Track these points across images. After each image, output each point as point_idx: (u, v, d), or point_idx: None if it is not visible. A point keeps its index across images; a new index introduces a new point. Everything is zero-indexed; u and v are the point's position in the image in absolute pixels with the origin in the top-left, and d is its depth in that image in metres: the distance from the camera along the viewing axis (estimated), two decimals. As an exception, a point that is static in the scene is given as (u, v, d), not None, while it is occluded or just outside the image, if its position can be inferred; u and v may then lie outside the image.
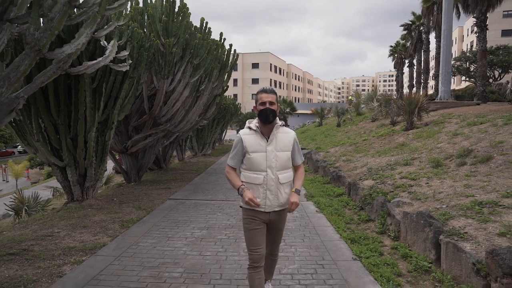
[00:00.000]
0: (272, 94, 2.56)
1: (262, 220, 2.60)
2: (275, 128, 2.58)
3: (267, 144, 2.55)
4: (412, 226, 4.09)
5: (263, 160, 2.53)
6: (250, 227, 2.60)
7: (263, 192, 2.55)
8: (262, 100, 2.54)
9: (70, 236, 4.71)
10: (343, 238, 4.55)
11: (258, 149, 2.54)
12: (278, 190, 2.57)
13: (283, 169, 2.59)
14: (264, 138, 2.57)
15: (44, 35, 3.40)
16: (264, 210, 2.57)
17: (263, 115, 2.52)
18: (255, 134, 2.58)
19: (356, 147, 11.47)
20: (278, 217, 2.65)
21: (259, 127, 2.59)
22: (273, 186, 2.55)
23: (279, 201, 2.59)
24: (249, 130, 2.62)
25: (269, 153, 2.54)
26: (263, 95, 2.55)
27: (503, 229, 3.40)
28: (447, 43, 15.43)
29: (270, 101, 2.52)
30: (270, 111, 2.51)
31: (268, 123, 2.54)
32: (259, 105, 2.56)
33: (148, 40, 6.99)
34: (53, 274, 3.43)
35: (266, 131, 2.58)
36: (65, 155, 6.59)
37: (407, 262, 3.76)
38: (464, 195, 4.70)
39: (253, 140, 2.56)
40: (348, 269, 3.51)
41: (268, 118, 2.51)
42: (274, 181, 2.55)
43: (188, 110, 9.43)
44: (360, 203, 6.12)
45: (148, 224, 5.22)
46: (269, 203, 2.57)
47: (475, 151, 6.57)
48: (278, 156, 2.56)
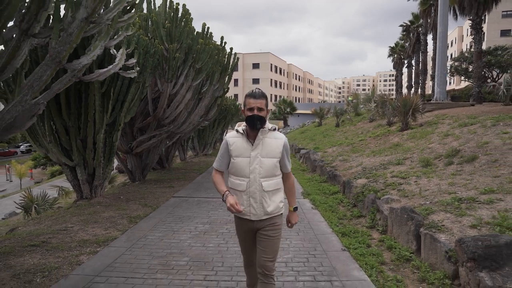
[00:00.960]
0: (261, 99, 2.39)
1: (250, 229, 2.51)
2: (260, 133, 2.41)
3: (252, 148, 2.42)
4: (397, 220, 4.48)
5: (246, 165, 2.40)
6: (239, 236, 2.60)
7: (246, 199, 2.43)
8: (250, 105, 2.38)
9: (83, 230, 5.10)
10: (335, 232, 4.94)
11: (242, 154, 2.42)
12: (262, 198, 2.43)
13: (268, 176, 2.44)
14: (249, 142, 2.44)
15: (64, 48, 3.79)
16: (249, 218, 2.46)
17: (250, 122, 2.38)
18: (241, 137, 2.47)
19: (353, 147, 11.84)
20: (266, 226, 2.48)
21: (245, 131, 2.46)
22: (257, 194, 2.41)
23: (264, 209, 2.44)
24: (236, 133, 2.50)
25: (252, 159, 2.40)
26: (251, 100, 2.39)
27: (475, 221, 3.78)
28: (442, 45, 15.80)
29: (259, 107, 2.37)
30: (258, 118, 2.36)
31: (255, 130, 2.41)
32: (247, 111, 2.41)
33: (153, 46, 7.38)
34: (72, 262, 3.83)
35: (253, 135, 2.45)
36: (75, 155, 6.99)
37: (391, 252, 4.15)
38: (447, 192, 5.08)
39: (238, 143, 2.45)
40: (337, 258, 3.91)
41: (256, 126, 2.38)
42: (258, 189, 2.41)
43: (190, 112, 9.83)
44: (353, 200, 6.51)
45: (154, 220, 5.62)
46: (254, 211, 2.44)
47: (463, 151, 6.95)
48: (262, 162, 2.41)
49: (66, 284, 3.26)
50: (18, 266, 3.66)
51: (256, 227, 2.48)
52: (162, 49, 8.06)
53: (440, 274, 3.33)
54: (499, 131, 7.52)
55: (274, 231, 2.49)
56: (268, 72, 65.01)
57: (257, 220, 2.46)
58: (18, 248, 4.23)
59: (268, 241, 2.47)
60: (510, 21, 52.34)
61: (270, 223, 2.48)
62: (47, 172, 31.56)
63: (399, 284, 3.24)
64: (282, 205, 2.54)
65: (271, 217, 2.48)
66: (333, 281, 3.31)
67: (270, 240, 2.47)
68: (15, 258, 3.91)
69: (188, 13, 9.48)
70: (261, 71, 64.83)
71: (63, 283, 3.29)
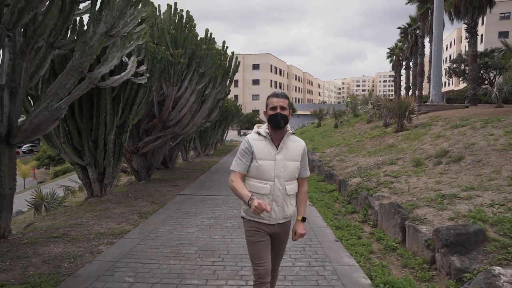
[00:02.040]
0: (283, 98, 2.40)
1: (266, 232, 2.45)
2: (286, 136, 2.42)
3: (277, 152, 2.40)
4: (385, 214, 4.93)
5: (271, 169, 2.37)
6: (254, 240, 2.44)
7: (269, 203, 2.38)
8: (273, 104, 2.37)
9: (98, 225, 5.55)
10: (329, 225, 5.39)
11: (267, 157, 2.39)
12: (284, 202, 2.42)
13: (291, 179, 2.44)
14: (273, 145, 2.41)
15: (86, 59, 4.24)
16: (268, 222, 2.42)
17: (273, 120, 2.36)
18: (264, 140, 2.42)
19: (350, 148, 12.29)
20: (282, 229, 2.50)
21: (269, 133, 2.43)
22: (280, 197, 2.40)
23: (284, 213, 2.44)
24: (258, 135, 2.45)
25: (278, 162, 2.39)
26: (274, 99, 2.39)
27: (453, 215, 4.23)
28: (437, 49, 16.25)
29: (282, 106, 2.37)
30: (281, 117, 2.35)
31: (279, 129, 2.39)
32: (269, 110, 2.39)
33: (160, 53, 7.83)
34: (93, 251, 4.27)
35: (276, 138, 2.42)
36: (87, 155, 7.43)
37: (380, 243, 4.60)
38: (433, 190, 5.52)
39: (262, 146, 2.40)
40: (330, 247, 4.35)
41: (279, 124, 2.36)
42: (281, 192, 2.40)
43: (194, 114, 10.28)
44: (348, 197, 6.95)
45: (163, 215, 6.07)
46: (274, 215, 2.42)
47: (451, 152, 7.39)
48: (287, 166, 2.40)
49: (91, 268, 3.71)
50: (46, 254, 4.11)
51: (273, 231, 2.46)
52: (168, 55, 8.51)
53: (420, 260, 3.78)
54: (486, 133, 7.97)
55: (287, 235, 2.56)
56: (268, 73, 65.48)
57: (275, 224, 2.44)
58: (42, 239, 4.68)
59: (282, 246, 2.56)
60: (507, 22, 52.83)
61: (285, 227, 2.52)
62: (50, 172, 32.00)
63: (383, 269, 3.68)
64: (295, 208, 2.56)
65: (286, 221, 2.50)
66: (326, 266, 3.76)
67: (283, 245, 2.57)
68: (42, 247, 4.36)
69: (191, 19, 9.94)
70: (261, 72, 65.30)
71: (89, 267, 3.73)
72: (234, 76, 12.65)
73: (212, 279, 3.45)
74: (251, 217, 2.44)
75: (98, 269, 3.67)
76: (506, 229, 3.54)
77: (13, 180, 4.57)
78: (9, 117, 4.12)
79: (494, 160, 6.18)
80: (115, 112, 7.27)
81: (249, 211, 2.37)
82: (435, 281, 3.40)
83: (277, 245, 2.53)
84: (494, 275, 2.74)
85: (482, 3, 17.09)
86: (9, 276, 3.48)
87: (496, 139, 7.23)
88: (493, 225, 3.72)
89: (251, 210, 2.21)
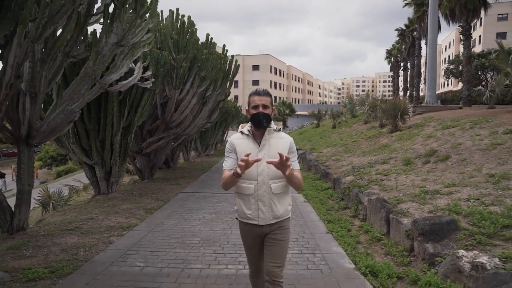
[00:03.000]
0: (265, 96, 2.34)
1: (257, 234, 2.42)
2: (267, 133, 2.36)
3: (259, 150, 2.34)
4: (373, 209, 5.35)
5: (253, 167, 2.27)
6: (246, 243, 2.51)
7: (254, 203, 2.35)
8: (255, 103, 2.31)
9: (107, 219, 5.97)
10: (322, 219, 5.81)
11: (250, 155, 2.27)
12: (271, 201, 2.35)
13: (277, 177, 2.33)
14: (256, 143, 2.37)
15: (99, 67, 4.67)
16: (257, 223, 2.36)
17: (255, 120, 2.31)
18: (247, 139, 2.39)
19: (346, 148, 12.71)
20: (275, 229, 2.40)
21: (251, 131, 2.40)
22: (266, 197, 2.34)
23: (273, 213, 2.36)
24: (241, 134, 2.43)
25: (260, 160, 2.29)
26: (255, 97, 2.33)
27: (432, 208, 4.65)
28: (432, 51, 16.68)
29: (264, 104, 2.30)
30: (264, 116, 2.29)
31: (261, 128, 2.35)
32: (251, 109, 2.34)
33: (163, 58, 8.26)
34: (105, 242, 4.69)
35: (259, 136, 2.38)
36: (94, 155, 7.86)
37: (367, 235, 5.02)
38: (418, 186, 5.94)
39: (244, 145, 2.37)
40: (321, 238, 4.77)
41: (261, 123, 2.31)
42: (267, 191, 2.34)
43: (195, 115, 10.71)
44: (341, 195, 7.37)
45: (167, 211, 6.50)
46: (263, 216, 2.35)
47: (439, 151, 7.81)
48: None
49: (106, 255, 4.13)
50: (63, 244, 4.53)
51: (264, 232, 2.40)
52: (170, 59, 8.94)
53: (401, 248, 4.20)
54: (473, 134, 8.39)
55: (282, 235, 2.41)
56: (268, 74, 65.93)
57: (265, 225, 2.37)
58: (58, 232, 5.10)
59: (277, 246, 2.39)
60: (505, 23, 53.25)
61: (279, 226, 2.40)
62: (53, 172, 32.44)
63: (367, 256, 4.10)
64: (290, 208, 2.48)
65: (279, 221, 2.40)
66: (316, 254, 4.18)
67: (278, 244, 2.39)
68: (58, 238, 4.78)
69: (193, 24, 10.36)
70: (261, 73, 65.74)
71: (103, 254, 4.15)
72: (234, 78, 13.07)
73: (214, 264, 3.87)
74: (241, 218, 2.44)
75: (111, 256, 4.09)
76: (475, 219, 3.96)
77: (31, 177, 5.00)
78: (29, 120, 4.54)
79: (477, 159, 6.60)
80: (121, 114, 7.70)
81: (240, 212, 2.43)
82: (412, 265, 3.82)
83: (272, 246, 2.39)
84: (458, 257, 3.17)
85: (476, 6, 17.51)
86: (33, 262, 3.91)
87: (481, 139, 7.65)
88: (465, 217, 4.14)
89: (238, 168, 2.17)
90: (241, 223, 2.48)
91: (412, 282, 3.35)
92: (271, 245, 2.40)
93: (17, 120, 4.48)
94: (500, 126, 8.55)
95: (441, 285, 3.12)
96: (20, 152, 4.79)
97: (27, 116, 4.47)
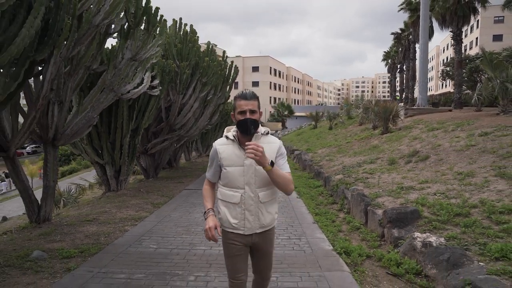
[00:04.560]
0: (253, 100, 2.16)
1: (243, 244, 2.29)
2: (254, 138, 2.21)
3: (245, 156, 2.14)
4: (355, 202, 6.08)
5: (240, 175, 2.20)
6: (230, 253, 2.32)
7: (241, 212, 2.23)
8: (242, 108, 2.14)
9: (120, 212, 6.71)
10: (310, 212, 6.54)
11: (235, 163, 2.22)
12: (258, 210, 2.24)
13: (265, 185, 2.24)
14: (242, 149, 2.20)
15: (116, 79, 5.41)
16: (243, 232, 2.25)
17: (242, 127, 2.16)
18: (232, 144, 2.24)
19: (339, 149, 13.44)
20: (262, 240, 2.32)
21: (236, 136, 2.24)
22: (253, 206, 2.23)
23: (260, 222, 2.26)
24: (225, 139, 2.27)
25: (247, 168, 2.20)
26: (242, 102, 2.16)
27: (404, 201, 5.39)
28: (423, 56, 17.41)
29: (251, 110, 2.14)
30: (251, 122, 2.14)
31: (249, 135, 2.19)
32: (237, 114, 2.17)
33: (168, 66, 9.00)
34: (121, 230, 5.43)
35: (245, 141, 2.18)
36: (105, 155, 8.60)
37: (348, 225, 5.74)
38: (397, 183, 6.68)
39: (229, 151, 2.23)
40: (308, 227, 5.51)
41: (249, 130, 2.16)
42: (254, 200, 2.22)
43: (197, 118, 11.46)
44: (330, 191, 8.11)
45: (173, 205, 7.23)
46: (249, 225, 2.25)
47: (420, 152, 8.55)
48: (257, 171, 2.20)
49: (123, 240, 4.87)
50: (85, 231, 5.27)
51: (250, 242, 2.30)
52: (174, 67, 9.68)
53: (374, 234, 4.94)
54: (453, 136, 9.12)
55: (270, 244, 2.38)
56: (267, 75, 66.71)
57: (250, 235, 2.27)
58: (78, 222, 5.84)
59: (265, 259, 2.38)
60: (501, 26, 53.96)
61: (265, 236, 2.33)
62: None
63: (345, 241, 4.83)
64: (276, 216, 2.39)
65: (265, 231, 2.31)
66: (301, 239, 4.92)
67: (267, 256, 2.38)
68: (80, 227, 5.52)
69: (194, 33, 11.12)
70: (261, 74, 66.53)
71: (121, 239, 4.89)
72: (233, 82, 13.81)
73: (215, 246, 4.59)
74: (225, 227, 2.29)
75: (128, 241, 4.83)
76: (435, 210, 4.69)
77: (55, 174, 5.73)
78: (56, 125, 5.28)
79: (452, 159, 7.34)
80: (130, 118, 8.44)
81: (224, 221, 2.30)
82: (381, 248, 4.54)
83: (259, 257, 2.37)
84: (413, 238, 3.91)
85: (466, 13, 18.26)
86: (63, 245, 4.64)
87: (458, 141, 8.38)
88: (428, 207, 4.87)
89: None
90: (225, 232, 2.31)
91: (378, 260, 4.09)
92: (260, 258, 2.38)
93: (45, 125, 5.21)
94: (479, 128, 9.28)
95: (399, 260, 3.85)
96: (46, 153, 5.53)
97: (54, 122, 5.20)
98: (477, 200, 4.74)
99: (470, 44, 60.33)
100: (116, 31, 5.46)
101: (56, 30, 3.84)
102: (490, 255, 3.26)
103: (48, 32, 3.80)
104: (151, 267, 3.86)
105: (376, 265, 4.00)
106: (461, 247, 3.52)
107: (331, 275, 3.63)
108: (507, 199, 4.55)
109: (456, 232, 3.99)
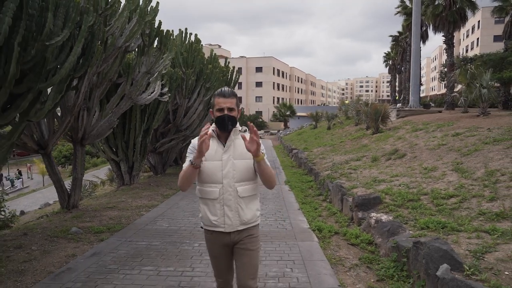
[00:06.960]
0: (231, 98, 2.20)
1: (224, 243, 2.30)
2: (233, 133, 2.26)
3: (224, 151, 2.23)
4: (334, 192, 7.15)
5: (218, 170, 2.22)
6: (212, 253, 2.37)
7: (220, 208, 2.23)
8: (220, 106, 2.18)
9: (135, 201, 7.83)
10: (298, 202, 7.62)
11: (213, 157, 2.23)
12: (238, 206, 2.24)
13: (244, 180, 2.25)
14: (221, 144, 2.26)
15: (134, 89, 6.52)
16: (223, 230, 2.24)
17: (220, 123, 2.21)
18: (210, 140, 2.21)
19: (333, 148, 14.49)
20: (243, 238, 2.29)
21: (216, 131, 2.29)
22: (231, 201, 2.22)
23: (240, 218, 2.25)
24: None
25: (225, 162, 2.23)
26: (220, 99, 2.19)
27: (373, 191, 6.45)
28: (415, 60, 18.39)
29: (229, 107, 2.18)
30: (229, 119, 2.19)
31: (226, 132, 2.25)
32: (216, 111, 2.21)
33: (175, 74, 10.13)
34: (138, 214, 6.55)
35: (224, 136, 2.27)
36: (120, 153, 9.74)
37: (328, 211, 6.81)
38: (372, 177, 7.73)
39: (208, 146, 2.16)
40: (293, 213, 6.60)
41: (227, 127, 2.20)
42: (232, 195, 2.22)
43: (201, 120, 12.57)
44: (319, 185, 9.18)
45: (180, 196, 8.35)
46: (229, 222, 2.23)
47: (400, 150, 9.59)
48: (235, 165, 2.24)
49: (141, 221, 5.99)
50: (109, 215, 6.40)
51: (232, 241, 2.29)
52: (180, 74, 10.80)
53: (346, 218, 6.01)
54: (431, 136, 10.14)
55: (252, 244, 2.32)
56: (270, 75, 67.73)
57: (232, 232, 2.26)
58: (101, 209, 6.98)
59: (248, 256, 2.30)
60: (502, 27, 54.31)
61: (248, 234, 2.31)
62: (67, 170, 34.55)
63: (322, 223, 5.90)
64: (259, 214, 2.39)
65: (247, 228, 2.30)
66: (286, 220, 6.00)
67: (249, 254, 2.31)
68: (103, 212, 6.65)
69: (199, 42, 12.23)
70: (264, 75, 67.57)
71: (139, 220, 6.01)
72: (235, 87, 14.91)
73: (215, 226, 5.70)
74: (206, 226, 2.32)
75: (145, 221, 5.95)
76: (395, 197, 5.75)
77: (82, 168, 6.87)
78: (85, 127, 6.41)
79: (424, 156, 8.38)
80: (142, 120, 9.57)
81: (205, 220, 2.32)
82: (349, 227, 5.61)
83: (242, 256, 2.31)
84: (370, 217, 4.98)
85: (456, 19, 19.19)
86: (93, 224, 5.77)
87: (433, 140, 9.41)
88: (390, 195, 5.93)
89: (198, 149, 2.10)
90: (207, 231, 2.34)
91: (343, 235, 5.16)
92: (242, 256, 2.31)
93: (76, 127, 6.35)
94: (455, 129, 10.28)
95: (358, 234, 4.92)
96: (76, 151, 6.66)
97: (83, 125, 6.33)
98: (429, 189, 5.80)
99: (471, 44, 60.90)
100: (134, 49, 6.56)
101: (90, 53, 4.94)
102: (418, 226, 4.33)
103: (85, 56, 4.90)
104: (165, 238, 4.97)
105: (341, 239, 5.07)
106: (401, 221, 4.59)
107: (303, 244, 4.72)
108: (452, 188, 5.60)
109: (404, 213, 5.05)
